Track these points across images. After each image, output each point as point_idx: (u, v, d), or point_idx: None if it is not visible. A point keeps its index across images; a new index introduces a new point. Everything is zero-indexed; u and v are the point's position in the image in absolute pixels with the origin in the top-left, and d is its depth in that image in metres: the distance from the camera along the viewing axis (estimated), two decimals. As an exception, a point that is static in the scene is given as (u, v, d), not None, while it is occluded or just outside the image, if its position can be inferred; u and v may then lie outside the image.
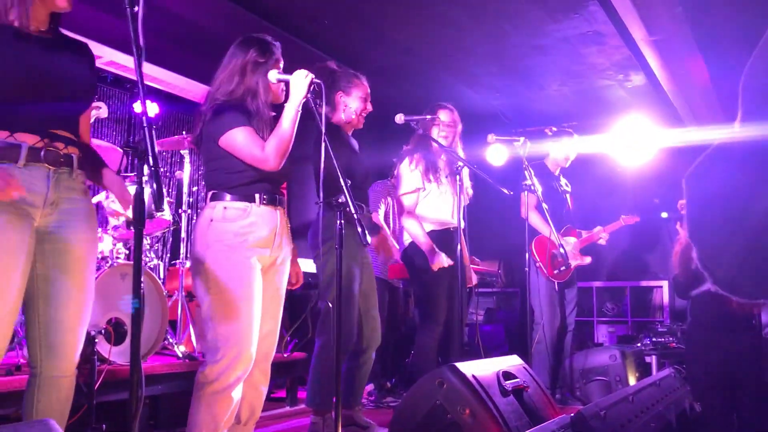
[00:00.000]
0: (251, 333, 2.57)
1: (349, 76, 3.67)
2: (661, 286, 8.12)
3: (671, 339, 5.71)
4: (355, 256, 3.48)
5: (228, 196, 2.63)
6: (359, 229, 2.52)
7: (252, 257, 2.60)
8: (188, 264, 4.22)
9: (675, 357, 5.48)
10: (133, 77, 5.38)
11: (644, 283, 8.26)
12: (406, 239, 4.07)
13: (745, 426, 3.21)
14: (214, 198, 2.66)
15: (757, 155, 0.95)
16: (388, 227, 5.11)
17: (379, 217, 4.98)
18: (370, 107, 3.67)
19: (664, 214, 7.95)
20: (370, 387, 4.84)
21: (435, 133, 4.07)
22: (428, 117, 3.92)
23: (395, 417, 2.89)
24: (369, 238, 2.54)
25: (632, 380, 4.87)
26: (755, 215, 0.95)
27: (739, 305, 3.17)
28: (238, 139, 2.59)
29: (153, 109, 5.42)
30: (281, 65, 2.77)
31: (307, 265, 5.19)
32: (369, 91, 3.70)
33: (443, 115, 4.11)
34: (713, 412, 3.29)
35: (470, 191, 4.16)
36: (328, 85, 3.45)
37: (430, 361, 3.81)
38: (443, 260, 3.85)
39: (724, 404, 3.23)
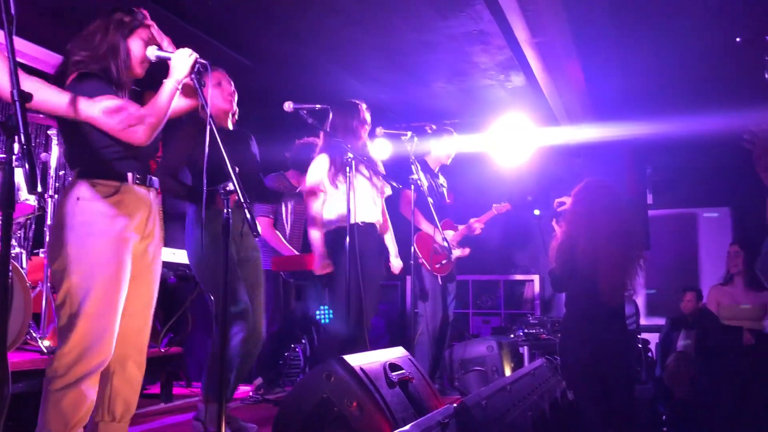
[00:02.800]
0: (112, 324, 2.39)
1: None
2: (532, 280, 8.50)
3: (542, 330, 5.99)
4: (237, 243, 3.37)
5: (99, 174, 2.42)
6: (249, 217, 2.41)
7: (122, 242, 2.42)
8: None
9: (546, 348, 5.75)
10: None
11: (516, 277, 8.63)
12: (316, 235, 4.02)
13: (614, 412, 3.39)
14: (80, 176, 2.43)
15: None
16: (285, 222, 5.01)
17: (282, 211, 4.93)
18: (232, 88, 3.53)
19: (537, 212, 8.31)
20: (259, 381, 4.73)
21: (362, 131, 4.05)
22: (318, 107, 3.85)
23: (280, 412, 2.82)
24: (259, 228, 2.45)
25: (508, 370, 5.05)
26: None
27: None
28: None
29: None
30: (153, 33, 2.61)
31: (182, 256, 5.01)
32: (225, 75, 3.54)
33: (368, 115, 4.10)
34: (585, 399, 3.45)
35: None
36: None
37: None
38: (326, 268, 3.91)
39: (595, 392, 3.39)
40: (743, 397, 4.85)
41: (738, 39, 4.55)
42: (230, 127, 3.54)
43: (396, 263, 4.36)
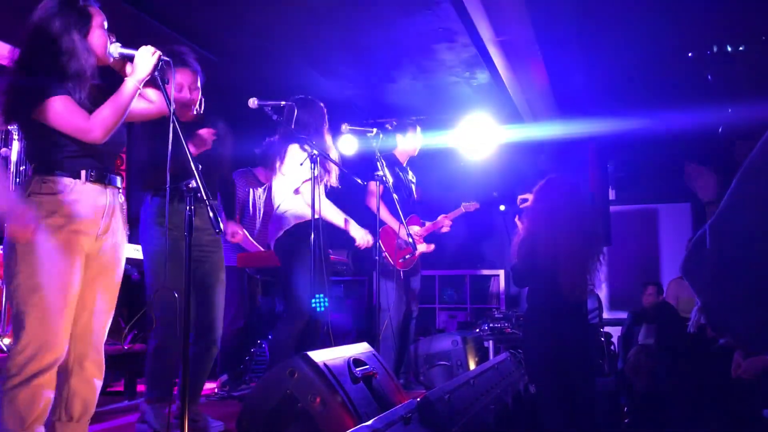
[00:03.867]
0: (64, 321, 2.39)
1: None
2: (498, 275, 8.59)
3: (507, 325, 6.05)
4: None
5: (52, 170, 2.43)
6: (211, 216, 2.41)
7: (72, 239, 2.42)
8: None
9: (510, 342, 5.81)
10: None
11: (483, 272, 8.71)
12: (278, 229, 3.99)
13: (575, 405, 3.45)
14: (35, 171, 2.45)
15: None
16: (254, 218, 4.99)
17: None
18: (190, 95, 3.40)
19: (502, 207, 8.42)
20: (224, 377, 4.72)
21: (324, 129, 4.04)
22: (283, 103, 3.85)
23: (244, 408, 2.83)
24: (222, 225, 2.44)
25: (472, 364, 5.11)
26: None
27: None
28: (55, 111, 2.38)
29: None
30: (104, 23, 2.57)
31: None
32: (192, 77, 3.39)
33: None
34: (546, 393, 3.51)
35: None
36: None
37: (288, 353, 3.76)
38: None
39: (556, 385, 3.45)
40: (703, 389, 4.97)
41: (690, 54, 4.69)
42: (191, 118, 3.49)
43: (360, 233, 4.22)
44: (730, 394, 4.47)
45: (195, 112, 3.47)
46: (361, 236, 4.09)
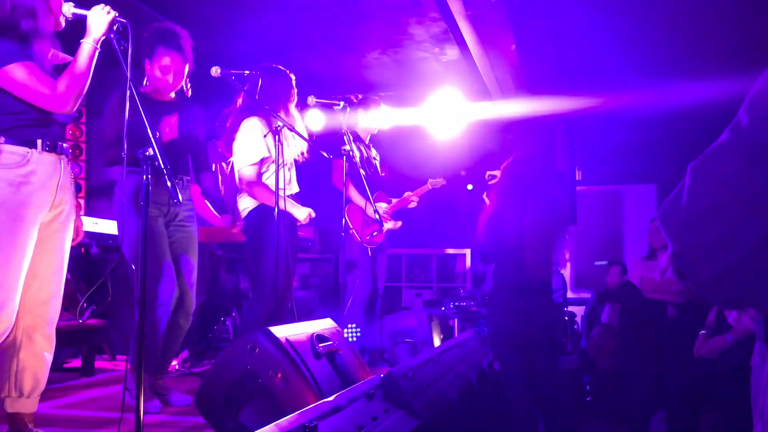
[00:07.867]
0: (12, 294, 2.30)
1: (154, 41, 3.26)
2: (464, 254, 8.60)
3: (472, 303, 6.07)
4: (165, 214, 3.31)
5: (3, 139, 2.31)
6: (169, 185, 2.32)
7: (27, 212, 2.32)
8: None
9: (475, 320, 5.83)
10: None
11: (449, 251, 8.72)
12: (245, 207, 3.88)
13: (538, 382, 3.46)
14: None
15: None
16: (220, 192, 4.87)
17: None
18: (171, 80, 3.31)
19: (470, 186, 8.41)
20: (185, 354, 4.63)
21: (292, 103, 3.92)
22: (246, 72, 3.73)
23: (203, 384, 2.76)
24: (180, 196, 2.36)
25: (437, 342, 5.10)
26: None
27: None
28: (19, 77, 2.28)
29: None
30: None
31: (105, 226, 4.84)
32: (181, 64, 3.31)
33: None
34: (510, 370, 3.51)
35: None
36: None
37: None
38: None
39: (520, 363, 3.45)
40: (664, 368, 5.04)
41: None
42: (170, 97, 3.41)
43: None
44: (691, 373, 4.53)
45: (172, 96, 3.42)
46: (303, 216, 3.87)
